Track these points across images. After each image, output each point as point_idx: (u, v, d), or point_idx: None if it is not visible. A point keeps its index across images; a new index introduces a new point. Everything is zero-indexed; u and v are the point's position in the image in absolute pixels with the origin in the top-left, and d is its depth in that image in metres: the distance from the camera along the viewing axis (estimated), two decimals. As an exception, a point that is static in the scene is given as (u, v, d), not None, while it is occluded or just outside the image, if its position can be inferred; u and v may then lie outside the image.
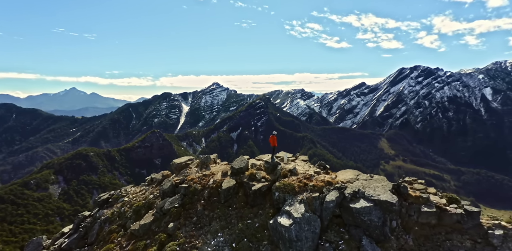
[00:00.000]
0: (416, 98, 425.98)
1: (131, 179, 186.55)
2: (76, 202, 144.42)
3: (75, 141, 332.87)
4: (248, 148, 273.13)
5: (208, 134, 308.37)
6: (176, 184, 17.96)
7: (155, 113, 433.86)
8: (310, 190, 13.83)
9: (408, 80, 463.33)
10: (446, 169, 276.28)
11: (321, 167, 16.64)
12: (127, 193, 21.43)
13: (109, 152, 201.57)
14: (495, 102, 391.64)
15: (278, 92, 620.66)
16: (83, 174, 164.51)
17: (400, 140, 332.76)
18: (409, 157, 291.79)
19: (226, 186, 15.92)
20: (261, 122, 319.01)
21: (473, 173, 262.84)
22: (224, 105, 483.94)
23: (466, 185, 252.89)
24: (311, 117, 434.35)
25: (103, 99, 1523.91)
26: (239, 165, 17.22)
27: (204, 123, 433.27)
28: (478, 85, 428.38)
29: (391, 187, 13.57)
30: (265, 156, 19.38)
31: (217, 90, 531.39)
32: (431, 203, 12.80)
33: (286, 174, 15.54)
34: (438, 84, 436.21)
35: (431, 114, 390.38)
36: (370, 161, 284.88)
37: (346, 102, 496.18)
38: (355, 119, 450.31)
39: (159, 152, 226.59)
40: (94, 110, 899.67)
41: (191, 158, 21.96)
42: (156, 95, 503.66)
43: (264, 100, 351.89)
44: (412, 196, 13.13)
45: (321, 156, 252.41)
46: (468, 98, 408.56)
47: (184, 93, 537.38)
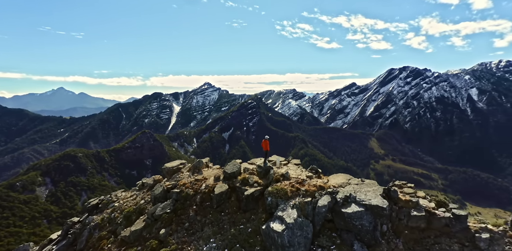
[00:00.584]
0: (405, 98, 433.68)
1: (121, 180, 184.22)
2: (64, 204, 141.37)
3: (63, 141, 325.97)
4: (240, 148, 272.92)
5: (199, 134, 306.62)
6: (167, 189, 17.75)
7: (146, 113, 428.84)
8: (303, 195, 13.89)
9: (397, 81, 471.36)
10: (434, 168, 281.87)
11: (313, 171, 16.74)
12: (118, 198, 21.05)
13: (98, 152, 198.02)
14: (481, 103, 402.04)
15: (270, 92, 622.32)
16: (71, 176, 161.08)
17: (389, 139, 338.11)
18: (398, 156, 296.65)
19: (219, 191, 15.82)
20: (253, 123, 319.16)
21: (459, 171, 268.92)
22: (215, 106, 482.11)
23: (453, 184, 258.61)
24: (303, 117, 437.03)
25: (92, 99, 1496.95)
26: (231, 169, 17.14)
27: (196, 123, 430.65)
28: (465, 86, 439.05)
29: (382, 191, 13.74)
30: (258, 160, 19.36)
31: (209, 90, 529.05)
32: (421, 207, 13.03)
33: (278, 178, 15.55)
34: (426, 85, 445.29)
35: (420, 114, 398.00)
36: (360, 160, 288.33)
37: (337, 102, 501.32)
38: (346, 119, 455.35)
39: (149, 152, 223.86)
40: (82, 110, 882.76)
41: (183, 162, 21.73)
42: (147, 95, 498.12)
43: (256, 101, 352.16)
44: (402, 200, 13.33)
45: (312, 156, 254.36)
46: (455, 99, 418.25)
47: (175, 93, 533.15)
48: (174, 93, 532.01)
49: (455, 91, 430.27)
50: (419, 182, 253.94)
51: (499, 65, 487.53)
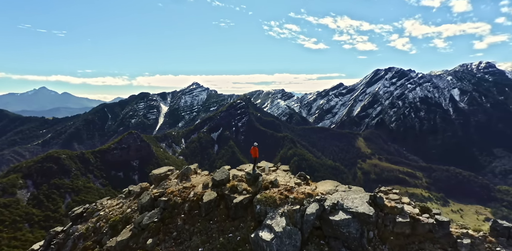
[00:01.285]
0: (391, 98, 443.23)
1: (107, 182, 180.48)
2: (46, 207, 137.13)
3: (46, 143, 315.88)
4: (229, 149, 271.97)
5: (188, 135, 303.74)
6: (155, 197, 17.42)
7: (132, 113, 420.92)
8: (291, 203, 13.94)
9: (383, 81, 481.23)
10: (418, 167, 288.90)
11: (302, 177, 16.86)
12: (103, 206, 20.45)
13: (82, 154, 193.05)
14: (462, 103, 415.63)
15: (258, 92, 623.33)
16: (54, 178, 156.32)
17: (376, 139, 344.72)
18: (384, 156, 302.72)
19: (207, 199, 15.67)
20: (242, 123, 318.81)
21: (442, 170, 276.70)
22: (204, 106, 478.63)
23: (436, 182, 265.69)
24: (291, 117, 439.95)
25: (76, 99, 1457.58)
26: (220, 176, 17.00)
27: (184, 123, 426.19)
28: (447, 86, 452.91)
29: (368, 198, 13.98)
30: (247, 166, 19.32)
31: (197, 90, 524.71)
32: (405, 213, 13.36)
33: (267, 185, 15.56)
34: (411, 85, 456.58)
35: (405, 114, 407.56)
36: (348, 159, 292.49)
37: (325, 102, 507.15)
38: (334, 119, 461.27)
39: (136, 153, 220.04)
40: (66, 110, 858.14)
41: (171, 168, 21.39)
42: (133, 95, 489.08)
43: (244, 101, 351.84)
44: (387, 207, 13.64)
45: (301, 156, 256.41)
46: (438, 99, 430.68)
47: (162, 93, 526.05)
48: (162, 93, 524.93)
49: (438, 91, 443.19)
50: (404, 181, 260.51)
51: (479, 67, 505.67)
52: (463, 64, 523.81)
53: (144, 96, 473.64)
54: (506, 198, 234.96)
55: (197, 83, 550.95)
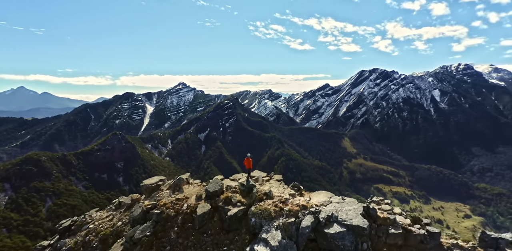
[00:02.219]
0: (375, 99, 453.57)
1: (90, 185, 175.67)
2: (26, 211, 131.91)
3: (24, 144, 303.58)
4: (216, 149, 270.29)
5: (174, 135, 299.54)
6: (147, 210, 17.03)
7: (117, 114, 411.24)
8: (286, 215, 13.98)
9: (367, 82, 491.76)
10: (401, 166, 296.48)
11: (295, 188, 16.95)
12: (92, 219, 19.77)
13: (64, 156, 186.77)
14: (443, 103, 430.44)
15: (246, 92, 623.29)
16: (34, 181, 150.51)
17: (361, 139, 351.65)
18: (369, 155, 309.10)
19: (201, 211, 15.48)
20: (230, 123, 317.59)
21: (424, 168, 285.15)
22: (191, 106, 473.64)
23: (419, 180, 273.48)
24: (279, 117, 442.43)
25: (57, 99, 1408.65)
26: (213, 188, 16.84)
27: (170, 124, 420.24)
28: (428, 87, 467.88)
29: (362, 210, 14.21)
30: (240, 176, 19.25)
31: (184, 90, 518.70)
32: (398, 224, 13.66)
33: (261, 197, 15.53)
34: (394, 86, 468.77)
35: (388, 114, 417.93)
36: (334, 159, 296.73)
37: (311, 103, 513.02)
38: (320, 120, 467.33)
39: (121, 155, 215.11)
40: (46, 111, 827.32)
41: (162, 178, 20.98)
42: (118, 95, 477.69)
43: (232, 101, 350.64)
44: (380, 218, 13.92)
45: (288, 156, 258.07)
46: (420, 99, 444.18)
47: (148, 93, 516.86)
48: (147, 93, 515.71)
49: (420, 92, 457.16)
50: (388, 179, 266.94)
51: (458, 69, 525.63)
52: (443, 66, 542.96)
53: (128, 97, 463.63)
54: (484, 195, 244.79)
55: (183, 83, 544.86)
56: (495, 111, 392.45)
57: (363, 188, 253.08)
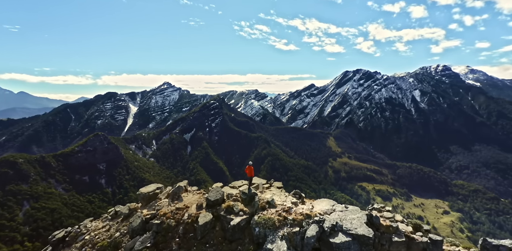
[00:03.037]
0: (359, 99, 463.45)
1: (70, 187, 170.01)
2: (1, 215, 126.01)
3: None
4: (202, 150, 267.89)
5: (159, 136, 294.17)
6: (146, 220, 16.60)
7: (98, 114, 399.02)
8: (290, 224, 13.98)
9: (351, 83, 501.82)
10: (384, 164, 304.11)
11: (297, 195, 16.98)
12: (88, 229, 18.98)
13: (43, 158, 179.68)
14: (423, 103, 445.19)
15: (232, 92, 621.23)
16: (10, 184, 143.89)
17: (345, 138, 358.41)
18: (353, 154, 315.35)
19: (203, 221, 15.22)
20: (216, 123, 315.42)
21: (406, 167, 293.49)
22: (176, 106, 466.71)
23: (400, 178, 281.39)
24: (265, 117, 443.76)
25: (35, 99, 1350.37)
26: (214, 196, 16.64)
27: (155, 124, 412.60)
28: (409, 88, 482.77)
29: (366, 219, 14.29)
30: (239, 183, 19.12)
31: (169, 90, 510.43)
32: (400, 232, 13.88)
33: (264, 206, 15.46)
34: (377, 87, 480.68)
35: (371, 114, 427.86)
36: (319, 158, 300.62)
37: (297, 103, 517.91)
38: (306, 119, 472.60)
39: (103, 156, 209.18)
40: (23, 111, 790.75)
41: (159, 186, 20.48)
42: (99, 95, 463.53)
43: (218, 101, 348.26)
44: (383, 226, 14.09)
45: (275, 156, 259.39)
46: (401, 99, 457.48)
47: (131, 93, 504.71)
48: (131, 93, 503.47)
49: (401, 92, 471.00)
50: (371, 178, 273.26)
51: (437, 70, 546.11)
52: (423, 67, 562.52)
53: (111, 96, 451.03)
54: (462, 191, 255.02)
55: (168, 83, 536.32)
56: (471, 111, 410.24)
57: (347, 186, 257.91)
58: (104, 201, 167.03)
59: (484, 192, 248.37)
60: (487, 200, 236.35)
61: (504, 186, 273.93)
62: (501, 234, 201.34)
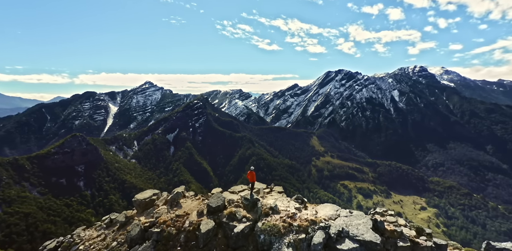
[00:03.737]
0: (341, 99, 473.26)
1: (46, 190, 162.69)
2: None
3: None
4: (186, 150, 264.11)
5: (141, 136, 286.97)
6: (145, 228, 16.02)
7: (76, 114, 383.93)
8: (296, 231, 13.89)
9: (333, 83, 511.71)
10: (365, 162, 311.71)
11: (299, 200, 16.91)
12: (81, 239, 17.95)
13: (15, 160, 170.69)
14: (401, 103, 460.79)
15: (216, 92, 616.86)
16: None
17: (328, 137, 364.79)
18: (336, 153, 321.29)
19: (205, 228, 14.85)
20: (200, 123, 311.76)
21: (386, 165, 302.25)
22: (158, 106, 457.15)
23: (381, 176, 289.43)
24: (249, 117, 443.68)
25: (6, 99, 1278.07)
26: (216, 202, 16.31)
27: (136, 125, 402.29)
28: (388, 88, 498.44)
29: (371, 224, 14.30)
30: (238, 187, 18.87)
31: (150, 89, 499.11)
32: (405, 237, 14.01)
33: (267, 212, 15.30)
34: (358, 87, 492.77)
35: (353, 113, 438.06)
36: (303, 158, 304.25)
37: (281, 102, 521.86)
38: (290, 119, 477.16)
39: (82, 158, 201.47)
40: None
41: (156, 192, 19.83)
42: (77, 94, 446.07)
43: (202, 101, 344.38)
44: (388, 231, 14.18)
45: (259, 155, 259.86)
46: (381, 99, 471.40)
47: (111, 92, 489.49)
48: (111, 93, 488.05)
49: (381, 92, 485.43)
50: (353, 176, 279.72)
51: (414, 70, 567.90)
52: (401, 68, 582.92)
53: (89, 96, 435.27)
54: (437, 188, 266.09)
55: (150, 82, 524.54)
56: (446, 110, 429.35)
57: (330, 185, 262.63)
58: (82, 204, 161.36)
59: (458, 188, 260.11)
60: (461, 195, 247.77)
61: (476, 182, 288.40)
62: (473, 228, 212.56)
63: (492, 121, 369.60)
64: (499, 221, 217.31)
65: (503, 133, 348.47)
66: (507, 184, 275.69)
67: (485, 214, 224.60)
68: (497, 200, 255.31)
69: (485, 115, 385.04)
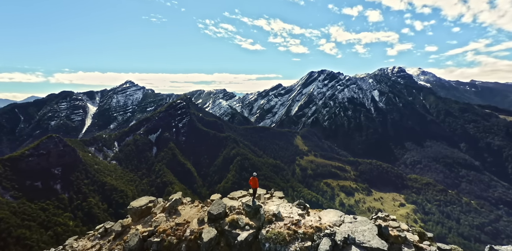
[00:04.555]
0: (324, 99, 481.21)
1: (20, 194, 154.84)
2: None
3: None
4: (169, 151, 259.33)
5: (122, 137, 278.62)
6: (144, 238, 15.43)
7: (52, 115, 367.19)
8: (301, 239, 13.77)
9: (316, 83, 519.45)
10: (347, 161, 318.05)
11: (301, 206, 16.79)
12: (74, 250, 16.95)
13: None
14: (381, 103, 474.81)
15: (199, 92, 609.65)
16: None
17: (311, 136, 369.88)
18: (319, 152, 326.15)
19: (207, 237, 14.48)
20: (183, 123, 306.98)
21: (367, 163, 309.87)
22: (140, 106, 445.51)
23: (362, 174, 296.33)
24: (234, 117, 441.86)
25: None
26: (217, 210, 15.94)
27: (117, 125, 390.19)
28: (369, 88, 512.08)
29: (377, 230, 14.26)
30: (238, 193, 18.56)
31: (132, 89, 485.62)
32: (409, 242, 14.05)
33: (271, 219, 15.10)
34: (340, 87, 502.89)
35: (335, 113, 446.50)
36: (287, 157, 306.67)
37: (265, 102, 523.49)
38: (274, 119, 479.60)
39: (59, 160, 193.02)
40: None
41: (152, 199, 19.14)
42: (53, 94, 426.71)
43: (185, 100, 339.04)
44: (392, 236, 14.20)
45: (243, 155, 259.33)
46: (362, 99, 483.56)
47: (90, 92, 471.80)
48: (89, 92, 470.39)
49: (362, 92, 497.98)
50: (336, 174, 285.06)
51: (393, 71, 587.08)
52: (381, 69, 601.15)
53: (66, 95, 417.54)
54: (415, 185, 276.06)
55: (131, 81, 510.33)
56: (423, 109, 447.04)
57: (313, 183, 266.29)
58: (59, 208, 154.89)
59: (434, 184, 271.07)
60: (437, 192, 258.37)
61: (451, 178, 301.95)
62: (448, 222, 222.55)
63: (465, 120, 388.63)
64: (472, 215, 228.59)
65: (475, 131, 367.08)
66: (479, 180, 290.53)
67: (459, 209, 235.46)
68: (470, 196, 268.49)
69: (458, 114, 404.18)
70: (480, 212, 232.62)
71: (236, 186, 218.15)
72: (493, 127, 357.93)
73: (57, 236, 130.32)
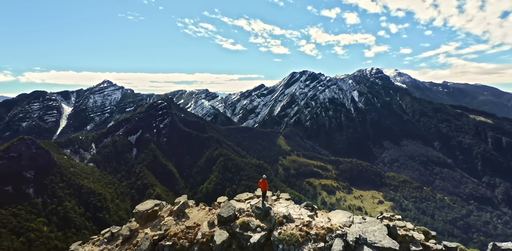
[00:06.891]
0: (305, 99, 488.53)
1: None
2: None
3: None
4: (150, 152, 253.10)
5: (99, 139, 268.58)
6: (154, 242, 15.12)
7: (23, 116, 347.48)
8: (314, 240, 13.97)
9: (298, 83, 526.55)
10: (328, 160, 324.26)
11: (309, 207, 17.01)
12: None
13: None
14: (360, 103, 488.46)
15: (181, 92, 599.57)
16: None
17: (294, 136, 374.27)
18: (301, 152, 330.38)
19: (220, 239, 14.48)
20: (164, 124, 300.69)
21: (347, 162, 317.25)
22: (118, 106, 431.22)
23: (343, 173, 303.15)
24: (216, 117, 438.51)
25: None
26: (227, 212, 15.96)
27: (94, 126, 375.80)
28: (349, 89, 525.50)
29: (387, 230, 14.57)
30: (244, 195, 18.54)
31: (110, 89, 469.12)
32: (417, 241, 14.55)
33: (281, 220, 15.26)
34: (321, 87, 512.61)
35: (317, 113, 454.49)
36: (270, 157, 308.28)
37: (248, 102, 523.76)
38: (257, 119, 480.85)
39: (31, 163, 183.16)
40: None
41: (157, 202, 18.69)
42: (24, 93, 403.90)
43: (166, 101, 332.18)
44: (400, 236, 14.66)
45: (227, 156, 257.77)
46: (342, 100, 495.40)
47: (64, 91, 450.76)
48: (64, 92, 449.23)
49: (342, 93, 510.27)
50: (318, 173, 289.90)
51: (372, 72, 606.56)
52: (360, 70, 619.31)
53: (39, 95, 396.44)
54: (393, 182, 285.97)
55: (109, 81, 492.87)
56: (400, 110, 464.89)
57: (296, 182, 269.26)
58: (32, 213, 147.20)
59: (410, 182, 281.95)
60: (413, 189, 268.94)
61: (426, 176, 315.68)
62: (424, 218, 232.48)
63: (439, 120, 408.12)
64: (445, 211, 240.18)
65: (447, 130, 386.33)
66: (452, 177, 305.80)
67: (434, 205, 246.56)
68: (443, 192, 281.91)
69: (432, 114, 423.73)
70: (453, 207, 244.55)
71: (219, 186, 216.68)
72: (464, 126, 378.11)
73: (29, 242, 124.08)
